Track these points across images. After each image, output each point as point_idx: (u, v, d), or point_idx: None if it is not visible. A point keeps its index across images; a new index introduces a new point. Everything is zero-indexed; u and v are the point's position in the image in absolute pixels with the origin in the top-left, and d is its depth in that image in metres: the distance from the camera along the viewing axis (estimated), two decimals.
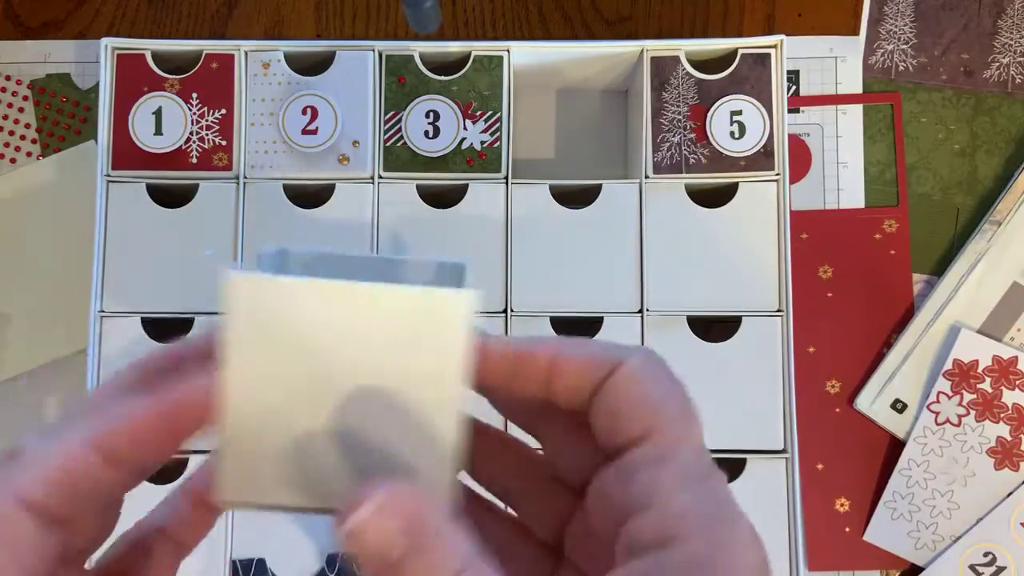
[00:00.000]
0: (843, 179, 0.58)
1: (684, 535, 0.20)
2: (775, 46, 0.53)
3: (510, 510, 0.27)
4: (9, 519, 0.21)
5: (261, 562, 0.50)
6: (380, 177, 0.52)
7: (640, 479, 0.21)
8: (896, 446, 0.56)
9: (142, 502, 0.48)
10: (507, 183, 0.52)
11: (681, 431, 0.22)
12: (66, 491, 0.22)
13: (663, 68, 0.53)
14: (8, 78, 0.59)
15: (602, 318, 0.51)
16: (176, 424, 0.23)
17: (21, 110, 0.59)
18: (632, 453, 0.22)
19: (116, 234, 0.52)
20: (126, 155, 0.52)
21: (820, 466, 0.56)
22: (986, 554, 0.54)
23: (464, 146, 0.52)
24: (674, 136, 0.52)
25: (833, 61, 0.59)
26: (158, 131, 0.52)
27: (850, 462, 0.56)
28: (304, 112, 0.52)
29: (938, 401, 0.55)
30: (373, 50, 0.53)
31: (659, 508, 0.21)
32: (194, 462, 0.50)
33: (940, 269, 0.57)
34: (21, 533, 0.22)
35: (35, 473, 0.22)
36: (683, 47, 0.53)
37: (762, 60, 0.53)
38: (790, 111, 0.59)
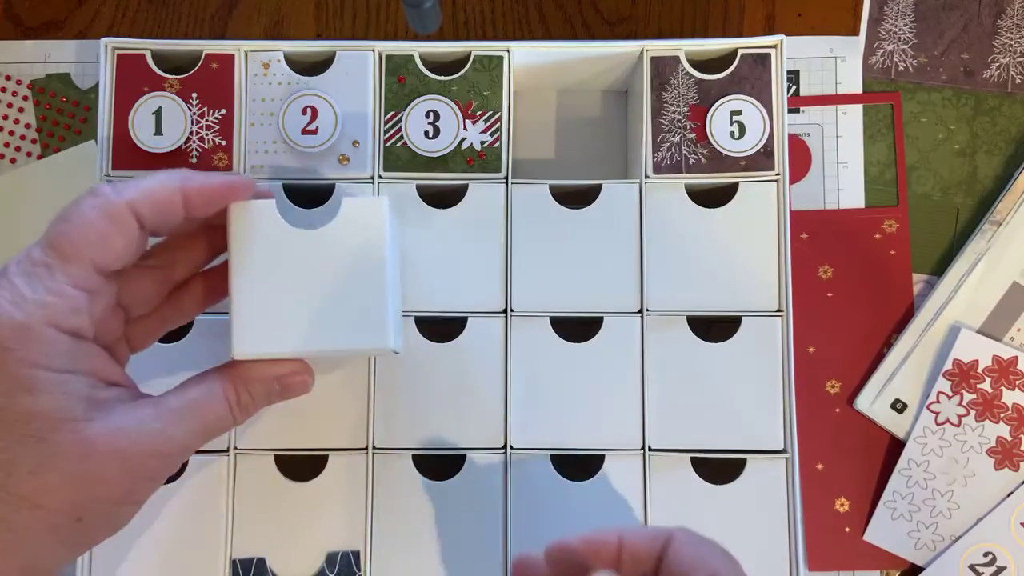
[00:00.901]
0: (843, 179, 0.58)
1: None
2: (775, 46, 0.53)
3: None
4: (122, 214, 0.35)
5: (261, 562, 0.50)
6: (380, 177, 0.52)
7: None
8: (896, 446, 0.56)
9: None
10: (507, 183, 0.52)
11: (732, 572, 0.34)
12: (157, 208, 0.36)
13: (663, 68, 0.53)
14: (8, 78, 0.59)
15: (602, 318, 0.51)
16: (230, 194, 0.39)
17: (21, 110, 0.59)
18: None
19: None
20: (126, 155, 0.52)
21: (820, 466, 0.56)
22: (986, 554, 0.54)
23: (464, 146, 0.52)
24: (674, 136, 0.52)
25: (833, 61, 0.59)
26: (158, 131, 0.52)
27: (850, 462, 0.56)
28: (304, 112, 0.52)
29: (938, 401, 0.55)
30: (373, 50, 0.53)
31: None
32: (194, 462, 0.50)
33: (940, 269, 0.57)
34: (127, 223, 0.36)
35: (141, 189, 0.36)
36: (683, 47, 0.53)
37: (762, 60, 0.53)
38: (790, 111, 0.59)
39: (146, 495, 0.36)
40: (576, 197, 0.53)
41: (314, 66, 0.53)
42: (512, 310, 0.52)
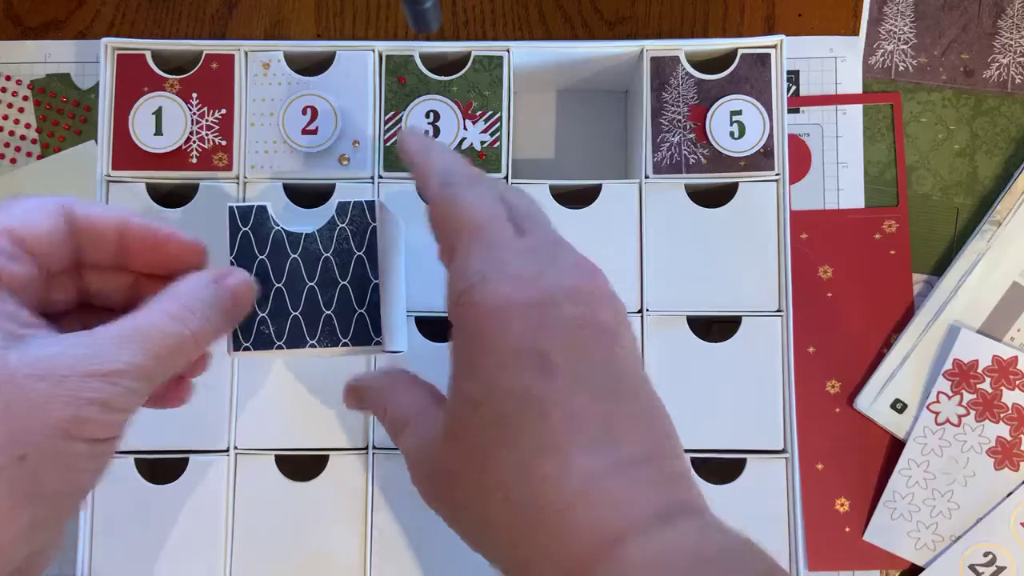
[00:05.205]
0: (843, 179, 0.58)
1: None
2: (775, 46, 0.53)
3: None
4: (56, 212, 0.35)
5: (262, 209, 0.43)
6: (380, 177, 0.52)
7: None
8: (896, 446, 0.56)
9: (143, 501, 0.48)
10: (507, 183, 0.52)
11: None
12: (89, 233, 0.36)
13: (663, 68, 0.53)
14: (8, 78, 0.59)
15: None
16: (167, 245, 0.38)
17: (21, 110, 0.59)
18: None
19: None
20: (126, 155, 0.52)
21: (820, 466, 0.56)
22: (986, 554, 0.54)
23: (464, 146, 0.52)
24: (674, 136, 0.52)
25: (833, 61, 0.59)
26: (158, 131, 0.52)
27: (850, 462, 0.56)
28: (304, 112, 0.52)
29: (938, 401, 0.55)
30: (373, 50, 0.53)
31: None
32: (194, 462, 0.50)
33: (940, 269, 0.57)
34: (13, 251, 0.33)
35: (16, 216, 0.34)
36: (683, 47, 0.53)
37: (762, 60, 0.53)
38: (790, 111, 0.59)
39: (99, 429, 0.31)
40: (576, 197, 0.53)
41: (314, 66, 0.53)
42: None
